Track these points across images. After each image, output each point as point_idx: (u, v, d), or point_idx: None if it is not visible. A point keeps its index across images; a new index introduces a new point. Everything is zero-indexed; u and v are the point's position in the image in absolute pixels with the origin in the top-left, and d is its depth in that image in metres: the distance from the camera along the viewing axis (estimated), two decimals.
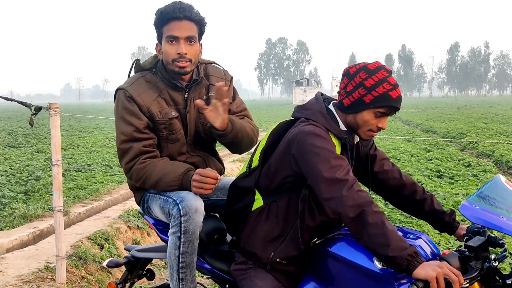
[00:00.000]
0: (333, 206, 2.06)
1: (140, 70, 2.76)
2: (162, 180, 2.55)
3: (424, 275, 1.84)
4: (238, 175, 2.51)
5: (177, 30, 2.56)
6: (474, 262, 1.94)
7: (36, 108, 4.97)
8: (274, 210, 2.29)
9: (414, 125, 29.09)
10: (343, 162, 2.12)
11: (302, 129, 2.18)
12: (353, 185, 2.04)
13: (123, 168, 2.66)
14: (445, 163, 12.67)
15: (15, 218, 7.48)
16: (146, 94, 2.63)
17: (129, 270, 2.88)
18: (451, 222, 2.43)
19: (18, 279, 4.99)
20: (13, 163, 13.55)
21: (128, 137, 2.59)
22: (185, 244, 2.44)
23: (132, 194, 2.88)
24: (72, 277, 5.30)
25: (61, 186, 4.97)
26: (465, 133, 21.05)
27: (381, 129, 2.23)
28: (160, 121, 2.64)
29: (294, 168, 2.21)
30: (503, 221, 1.93)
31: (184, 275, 2.49)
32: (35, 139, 20.74)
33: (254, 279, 2.30)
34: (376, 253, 1.98)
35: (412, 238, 2.19)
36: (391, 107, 2.18)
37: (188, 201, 2.44)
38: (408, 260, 1.89)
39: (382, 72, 2.18)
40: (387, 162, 2.53)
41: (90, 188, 9.78)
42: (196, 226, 2.44)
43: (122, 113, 2.62)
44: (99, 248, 6.38)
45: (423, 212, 2.48)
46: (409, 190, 2.48)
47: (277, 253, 2.28)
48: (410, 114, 40.98)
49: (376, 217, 1.97)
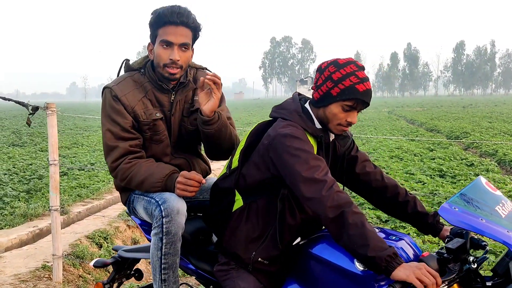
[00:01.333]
0: (312, 207, 2.06)
1: (129, 70, 2.77)
2: (147, 180, 2.55)
3: (402, 276, 1.84)
4: (219, 176, 2.51)
5: (172, 36, 2.55)
6: (452, 264, 1.94)
7: (33, 107, 4.98)
8: (254, 210, 2.30)
9: (418, 124, 29.01)
10: (321, 163, 2.12)
11: (279, 131, 2.18)
12: (332, 185, 2.05)
13: (108, 166, 2.66)
14: (447, 163, 12.63)
15: (15, 217, 7.51)
16: (132, 94, 2.64)
17: (117, 270, 2.88)
18: (435, 223, 2.41)
19: (15, 278, 5.02)
20: (16, 161, 13.61)
21: (114, 136, 2.60)
22: (167, 245, 2.45)
23: None
24: (69, 276, 5.32)
25: (58, 185, 4.99)
26: (469, 132, 20.97)
27: (350, 123, 2.23)
28: (144, 121, 2.64)
29: (272, 171, 2.21)
30: (482, 223, 1.93)
31: (167, 276, 2.49)
32: (40, 137, 20.83)
33: (236, 280, 2.30)
34: (355, 253, 1.98)
35: (394, 239, 2.19)
36: (358, 100, 2.18)
37: (170, 203, 2.44)
38: (387, 260, 1.89)
39: (351, 66, 2.19)
40: (369, 164, 2.52)
41: (92, 187, 9.81)
42: (178, 228, 2.44)
43: (108, 112, 2.63)
44: (98, 247, 6.40)
45: (406, 214, 2.47)
46: (391, 192, 2.47)
47: (258, 253, 2.28)
48: (414, 113, 40.88)
49: (356, 218, 1.97)
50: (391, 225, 6.62)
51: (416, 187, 9.01)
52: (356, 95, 2.16)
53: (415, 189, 8.86)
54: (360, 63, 2.23)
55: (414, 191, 8.38)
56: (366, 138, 18.59)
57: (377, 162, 12.21)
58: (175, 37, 2.56)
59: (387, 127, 25.71)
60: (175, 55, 2.56)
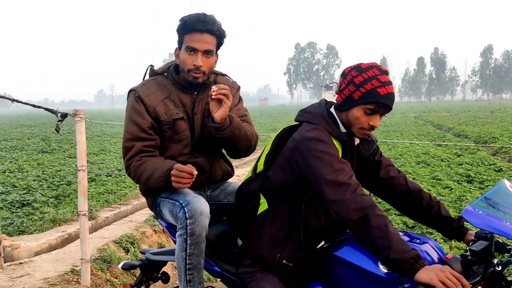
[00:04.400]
0: (336, 209, 2.09)
1: (153, 74, 2.89)
2: (152, 176, 2.62)
3: (425, 279, 1.85)
4: (244, 180, 2.55)
5: (197, 43, 2.65)
6: (476, 266, 1.94)
7: (62, 114, 5.09)
8: (279, 213, 2.33)
9: (445, 129, 28.67)
10: (346, 166, 2.14)
11: (304, 135, 2.22)
12: (356, 189, 2.07)
13: (124, 165, 2.76)
14: (475, 168, 12.46)
15: (45, 222, 7.65)
16: (154, 95, 2.74)
17: (144, 273, 2.93)
18: (459, 228, 2.40)
19: (44, 282, 5.11)
20: (45, 168, 13.82)
21: (132, 136, 2.70)
22: (191, 246, 2.50)
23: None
24: (97, 280, 5.39)
25: (86, 191, 5.07)
26: (498, 137, 20.64)
27: (373, 127, 2.24)
28: (165, 121, 2.73)
29: (297, 173, 2.24)
30: (506, 226, 1.92)
31: (192, 277, 2.55)
32: (68, 144, 21.12)
33: (261, 281, 2.33)
34: (379, 255, 2.00)
35: (418, 243, 2.20)
36: (380, 104, 2.19)
37: (193, 204, 2.51)
38: (410, 263, 1.90)
39: (373, 70, 2.21)
40: (392, 169, 2.53)
41: (119, 193, 9.93)
42: (202, 229, 2.50)
43: (130, 113, 2.74)
44: (125, 252, 6.48)
45: (430, 219, 2.47)
46: (416, 196, 2.47)
47: (283, 255, 2.31)
48: (441, 118, 40.41)
49: (379, 221, 1.99)
50: (417, 231, 6.56)
51: (443, 193, 8.92)
52: (378, 99, 2.18)
53: (442, 195, 8.77)
54: (383, 67, 2.25)
55: (441, 197, 8.30)
56: (392, 144, 18.44)
57: (403, 168, 12.12)
58: (199, 44, 2.65)
59: (413, 132, 25.46)
60: (198, 61, 2.66)
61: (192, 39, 2.65)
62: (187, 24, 2.65)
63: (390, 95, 2.19)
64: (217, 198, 2.85)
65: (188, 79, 2.72)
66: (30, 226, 7.62)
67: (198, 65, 2.66)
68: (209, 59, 2.71)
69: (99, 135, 26.76)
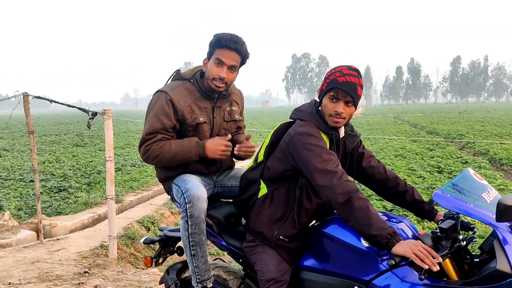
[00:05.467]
0: (325, 193, 2.09)
1: (179, 78, 2.85)
2: (180, 152, 2.64)
3: (401, 251, 1.86)
4: (247, 169, 2.55)
5: (225, 58, 2.65)
6: (444, 241, 1.94)
7: (93, 113, 5.11)
8: (276, 196, 2.33)
9: (419, 127, 28.58)
10: (333, 156, 2.14)
11: (297, 130, 2.22)
12: (341, 175, 2.07)
13: (141, 150, 2.71)
14: (445, 160, 12.43)
15: (78, 205, 7.68)
16: (183, 100, 2.71)
17: (162, 247, 2.93)
18: (430, 210, 2.40)
19: (77, 255, 5.14)
20: (79, 159, 13.87)
21: (154, 131, 2.66)
22: (192, 226, 2.53)
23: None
24: (123, 254, 5.42)
25: (113, 178, 5.09)
26: (464, 134, 20.59)
27: (337, 113, 2.20)
28: (189, 124, 2.71)
29: (292, 163, 2.23)
30: (471, 207, 1.91)
31: (195, 252, 2.58)
32: (98, 139, 21.14)
33: (261, 254, 2.34)
34: (361, 232, 2.00)
35: (395, 222, 2.21)
36: (338, 90, 2.17)
37: (191, 191, 2.53)
38: (388, 238, 1.91)
39: (342, 67, 2.22)
40: (373, 160, 2.52)
41: (141, 181, 9.95)
42: (200, 211, 2.52)
43: (157, 111, 2.68)
44: (146, 230, 6.51)
45: (405, 201, 2.46)
46: (393, 183, 2.47)
47: (280, 232, 2.31)
48: (416, 118, 40.29)
49: (361, 203, 1.99)
50: (394, 213, 6.56)
51: (417, 182, 8.91)
52: (335, 85, 2.18)
53: (416, 183, 8.76)
54: (354, 67, 2.23)
55: (416, 185, 8.28)
56: (374, 139, 18.41)
57: (383, 160, 12.09)
58: (227, 59, 2.66)
59: (392, 130, 25.41)
60: (224, 73, 2.67)
61: (222, 54, 2.65)
62: (221, 40, 2.64)
63: (348, 83, 2.17)
64: (222, 182, 2.87)
65: (211, 86, 2.71)
66: (66, 208, 7.65)
67: (223, 77, 2.67)
68: (232, 73, 2.72)
69: (125, 131, 26.80)
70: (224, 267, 2.80)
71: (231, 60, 2.67)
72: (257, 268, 2.35)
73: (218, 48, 2.66)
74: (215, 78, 2.68)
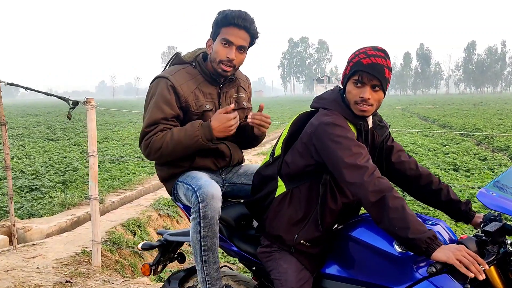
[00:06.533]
0: (354, 191, 2.06)
1: (179, 63, 2.80)
2: (184, 138, 2.56)
3: (443, 257, 1.83)
4: (262, 164, 2.51)
5: (233, 37, 2.61)
6: (490, 246, 1.92)
7: (74, 102, 5.05)
8: (296, 195, 2.30)
9: (431, 120, 28.76)
10: (363, 150, 2.11)
11: (322, 120, 2.18)
12: (373, 171, 2.04)
13: (142, 145, 2.66)
14: (461, 157, 12.52)
15: (54, 206, 7.63)
16: (186, 85, 2.66)
17: (162, 253, 2.90)
18: (467, 211, 2.37)
19: (57, 262, 5.10)
20: (52, 155, 13.79)
21: (154, 122, 2.61)
22: (205, 229, 2.47)
23: (162, 185, 2.91)
24: (107, 261, 5.39)
25: (96, 176, 5.04)
26: (481, 128, 20.74)
27: (363, 99, 2.17)
28: (194, 111, 2.67)
29: (315, 158, 2.20)
30: None
31: (207, 257, 2.52)
32: (72, 132, 21.05)
33: (279, 261, 2.31)
34: (396, 236, 1.97)
35: (431, 224, 2.18)
36: (363, 73, 2.15)
37: (204, 189, 2.47)
38: (427, 242, 1.88)
39: (366, 48, 2.20)
40: (403, 154, 2.49)
41: (123, 179, 9.91)
42: (214, 212, 2.46)
43: (157, 99, 2.62)
44: (132, 234, 6.48)
45: (440, 202, 2.43)
46: (425, 180, 2.44)
47: (300, 235, 2.28)
48: (427, 110, 40.53)
49: (397, 202, 1.96)
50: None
51: None
52: (359, 67, 2.15)
53: None
54: (381, 47, 2.20)
55: None
56: None
57: None
58: (235, 38, 2.61)
59: (401, 124, 25.52)
60: (232, 54, 2.63)
61: (229, 33, 2.60)
62: (227, 17, 2.59)
63: (374, 65, 2.14)
64: (231, 180, 2.82)
65: (217, 70, 2.67)
66: (39, 209, 7.60)
67: (232, 58, 2.63)
68: (241, 54, 2.68)
69: (102, 124, 26.64)
70: (233, 276, 2.77)
71: (240, 39, 2.63)
72: (274, 276, 2.32)
73: (225, 27, 2.62)
74: (223, 61, 2.64)
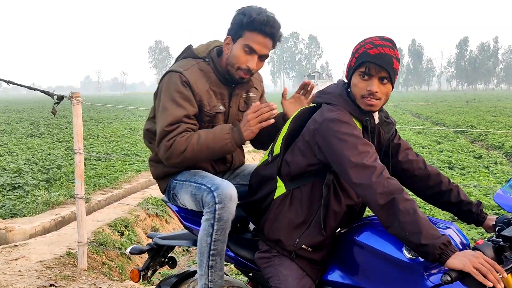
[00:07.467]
0: (362, 193, 1.95)
1: (190, 56, 2.63)
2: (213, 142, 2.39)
3: (458, 265, 1.72)
4: (260, 163, 2.40)
5: (258, 45, 2.46)
6: (509, 252, 1.82)
7: (59, 97, 4.91)
8: (297, 197, 2.19)
9: (424, 117, 28.82)
10: (370, 148, 2.01)
11: (326, 116, 2.07)
12: (382, 172, 1.93)
13: (161, 146, 2.45)
14: (456, 155, 12.52)
15: (38, 205, 7.47)
16: (200, 83, 2.51)
17: (152, 257, 2.79)
18: (479, 213, 2.27)
19: (41, 265, 4.96)
20: (35, 152, 13.62)
21: (177, 120, 2.43)
22: (218, 232, 2.34)
23: (155, 183, 2.78)
24: (93, 263, 5.27)
25: (83, 174, 4.92)
26: (475, 125, 20.82)
27: (371, 92, 2.07)
28: (207, 112, 2.53)
29: (318, 156, 2.10)
30: None
31: (214, 263, 2.40)
32: (56, 129, 20.81)
33: (279, 267, 2.21)
34: (407, 241, 1.86)
35: (442, 227, 2.08)
36: (370, 64, 2.04)
37: (223, 189, 2.34)
38: (441, 248, 1.77)
39: (372, 38, 2.09)
40: (411, 152, 2.40)
41: (109, 177, 9.77)
42: (230, 215, 2.34)
43: (174, 96, 2.45)
44: (119, 235, 6.35)
45: (449, 203, 2.33)
46: (434, 180, 2.34)
47: (302, 240, 2.18)
48: (419, 107, 40.63)
49: (408, 205, 1.86)
50: None
51: None
52: (366, 58, 2.04)
53: None
54: (388, 37, 2.10)
55: None
56: None
57: None
58: (259, 47, 2.47)
59: None
60: (254, 63, 2.50)
61: (255, 40, 2.45)
62: (255, 22, 2.42)
63: (381, 55, 2.04)
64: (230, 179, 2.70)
65: (234, 75, 2.53)
66: (22, 209, 7.44)
67: (252, 68, 2.50)
68: (262, 62, 2.56)
69: (87, 120, 26.41)
70: (228, 281, 2.66)
71: (264, 48, 2.49)
72: (273, 283, 2.21)
73: (250, 31, 2.45)
74: (242, 68, 2.50)
